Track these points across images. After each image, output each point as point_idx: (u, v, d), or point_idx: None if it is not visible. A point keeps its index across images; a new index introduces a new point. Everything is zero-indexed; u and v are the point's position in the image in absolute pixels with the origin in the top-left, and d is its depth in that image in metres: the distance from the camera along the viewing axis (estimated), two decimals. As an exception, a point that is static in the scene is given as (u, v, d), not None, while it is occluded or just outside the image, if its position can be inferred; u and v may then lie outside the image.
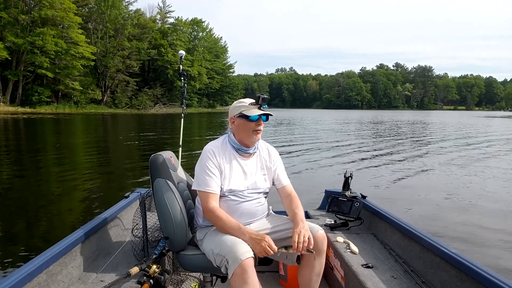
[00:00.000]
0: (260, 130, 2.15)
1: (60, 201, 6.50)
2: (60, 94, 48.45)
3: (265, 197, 2.27)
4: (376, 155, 12.89)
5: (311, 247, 1.91)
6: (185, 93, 4.23)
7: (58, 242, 2.16)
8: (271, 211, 2.32)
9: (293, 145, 15.73)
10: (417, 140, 19.24)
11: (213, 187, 2.07)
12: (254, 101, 2.13)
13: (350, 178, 3.15)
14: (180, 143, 4.32)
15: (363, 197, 3.18)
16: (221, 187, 2.10)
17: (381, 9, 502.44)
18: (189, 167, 2.55)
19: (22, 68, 42.92)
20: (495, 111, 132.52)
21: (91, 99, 52.10)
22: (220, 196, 2.11)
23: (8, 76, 41.68)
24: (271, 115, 2.17)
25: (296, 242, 1.88)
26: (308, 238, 1.91)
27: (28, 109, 40.90)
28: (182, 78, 4.15)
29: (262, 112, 2.11)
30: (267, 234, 2.02)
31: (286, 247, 1.94)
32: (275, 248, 1.87)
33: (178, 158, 2.93)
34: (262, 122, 2.14)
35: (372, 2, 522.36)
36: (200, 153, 2.19)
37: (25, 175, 8.73)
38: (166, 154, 2.30)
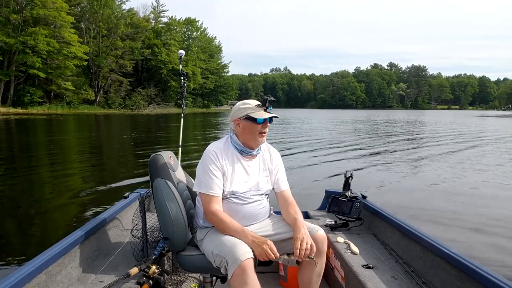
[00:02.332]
0: (265, 133, 2.14)
1: (59, 202, 6.45)
2: (52, 94, 48.09)
3: (267, 198, 2.27)
4: (376, 155, 12.94)
5: (313, 254, 1.91)
6: (185, 93, 4.22)
7: (57, 242, 2.15)
8: (272, 212, 2.32)
9: (291, 145, 15.73)
10: (416, 140, 19.37)
11: (215, 190, 2.06)
12: (259, 103, 2.13)
13: (350, 178, 3.15)
14: (180, 143, 4.29)
15: (364, 197, 3.17)
16: (223, 189, 2.09)
17: (379, 10, 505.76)
18: (189, 167, 2.53)
19: (13, 68, 42.52)
20: (489, 110, 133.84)
21: (84, 100, 51.76)
22: (222, 198, 2.10)
23: (0, 77, 41.27)
24: (277, 117, 2.18)
25: (299, 249, 1.88)
26: (311, 246, 1.91)
27: (20, 110, 40.52)
28: (182, 78, 4.13)
29: (269, 115, 2.11)
30: (268, 236, 2.03)
31: (288, 254, 1.94)
32: (277, 253, 1.87)
33: (177, 158, 2.92)
34: (268, 124, 2.14)
35: (371, 2, 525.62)
36: (197, 152, 2.17)
37: (20, 176, 8.66)
38: (166, 154, 2.30)
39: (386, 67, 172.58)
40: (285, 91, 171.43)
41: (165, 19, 70.16)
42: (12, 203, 6.32)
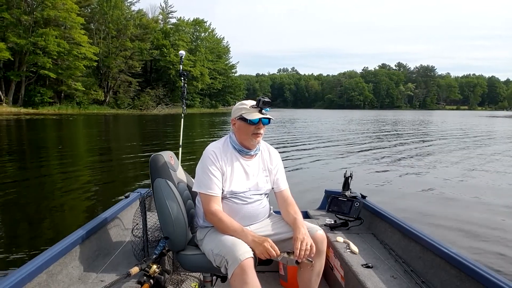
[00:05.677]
0: (259, 134, 2.13)
1: (61, 200, 6.50)
2: (62, 94, 48.49)
3: (267, 198, 2.27)
4: (376, 155, 12.89)
5: (312, 255, 1.92)
6: (185, 93, 4.25)
7: (58, 242, 2.17)
8: (272, 211, 2.32)
9: (293, 145, 15.71)
10: (418, 140, 19.23)
11: (214, 190, 2.06)
12: (255, 103, 2.11)
13: (350, 178, 3.15)
14: (180, 143, 4.32)
15: (363, 197, 3.18)
16: (222, 189, 2.10)
17: (379, 10, 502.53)
18: (190, 167, 2.55)
19: (24, 69, 42.92)
20: (498, 110, 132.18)
21: (93, 100, 52.15)
22: (222, 198, 2.10)
23: (11, 77, 41.66)
24: (272, 119, 2.14)
25: (299, 249, 1.88)
26: (310, 246, 1.91)
27: (30, 110, 40.90)
28: (182, 78, 4.17)
29: (261, 116, 2.09)
30: (268, 235, 2.03)
31: (288, 253, 1.94)
32: (277, 251, 1.88)
33: (178, 158, 2.94)
34: (262, 126, 2.12)
35: (371, 3, 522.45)
36: (201, 154, 2.18)
37: (28, 175, 8.74)
38: (166, 154, 2.31)
39: (394, 67, 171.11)
40: (293, 92, 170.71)
41: (173, 20, 70.58)
42: (18, 203, 6.38)
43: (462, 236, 4.98)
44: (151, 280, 1.94)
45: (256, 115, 2.08)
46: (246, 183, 2.16)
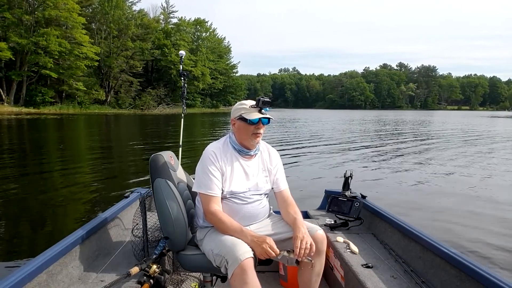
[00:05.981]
0: (259, 134, 2.12)
1: (61, 201, 6.50)
2: (64, 94, 48.53)
3: (266, 198, 2.28)
4: (377, 155, 12.92)
5: (312, 254, 1.92)
6: (185, 93, 4.27)
7: (58, 242, 2.17)
8: (271, 211, 2.32)
9: (293, 144, 15.72)
10: (418, 140, 19.25)
11: (214, 190, 2.06)
12: (255, 103, 2.11)
13: (350, 178, 3.15)
14: (180, 143, 4.34)
15: (363, 197, 3.18)
16: (222, 189, 2.10)
17: (379, 10, 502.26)
18: (190, 167, 2.55)
19: (26, 69, 42.94)
20: (499, 111, 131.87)
21: (94, 100, 52.15)
22: (222, 198, 2.10)
23: (12, 77, 41.69)
24: (271, 118, 2.14)
25: (299, 248, 1.88)
26: (310, 245, 1.91)
27: (32, 110, 40.95)
28: (182, 78, 4.18)
29: (261, 115, 2.09)
30: (268, 235, 2.02)
31: (288, 251, 1.94)
32: (277, 250, 1.88)
33: (178, 158, 2.94)
34: (262, 126, 2.12)
35: (371, 3, 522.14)
36: (201, 153, 2.18)
37: (29, 174, 8.77)
38: (166, 154, 2.31)
39: (395, 67, 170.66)
40: (294, 92, 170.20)
41: (174, 20, 70.57)
42: (19, 202, 6.38)
43: (461, 232, 5.02)
44: (151, 280, 1.94)
45: (255, 115, 2.08)
46: (246, 183, 2.15)
